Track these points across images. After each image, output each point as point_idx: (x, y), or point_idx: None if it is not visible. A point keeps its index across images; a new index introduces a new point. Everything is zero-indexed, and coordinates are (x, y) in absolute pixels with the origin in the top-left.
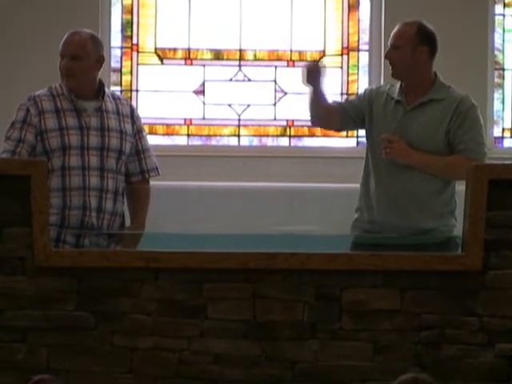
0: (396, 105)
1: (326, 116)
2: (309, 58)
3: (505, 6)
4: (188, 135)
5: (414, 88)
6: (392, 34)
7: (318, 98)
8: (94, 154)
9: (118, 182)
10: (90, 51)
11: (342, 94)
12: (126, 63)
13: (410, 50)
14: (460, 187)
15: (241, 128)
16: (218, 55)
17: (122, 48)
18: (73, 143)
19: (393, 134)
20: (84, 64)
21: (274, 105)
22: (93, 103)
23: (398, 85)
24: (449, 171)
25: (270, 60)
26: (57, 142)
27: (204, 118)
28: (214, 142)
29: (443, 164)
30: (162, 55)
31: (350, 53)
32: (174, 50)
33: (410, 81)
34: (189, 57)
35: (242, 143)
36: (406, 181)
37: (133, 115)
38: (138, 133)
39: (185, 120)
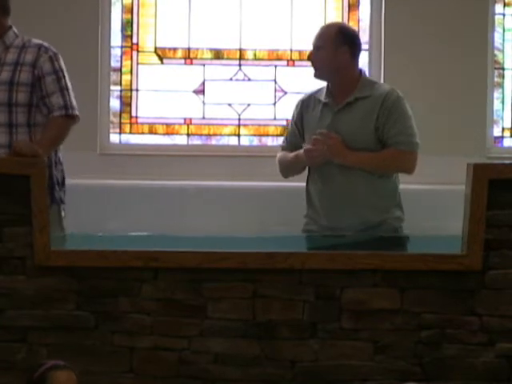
0: (324, 107)
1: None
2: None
3: (505, 5)
4: (188, 135)
5: (339, 89)
6: (314, 36)
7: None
8: None
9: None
10: None
11: None
12: (126, 63)
13: (331, 51)
14: (459, 187)
15: (241, 127)
16: (217, 55)
17: (121, 47)
18: None
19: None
20: None
21: (274, 104)
22: None
23: (324, 87)
24: (383, 166)
25: (269, 59)
26: None
27: (204, 118)
28: (213, 141)
29: (377, 160)
30: (161, 55)
31: None
32: (174, 49)
33: (333, 81)
34: (189, 56)
35: (242, 143)
36: (345, 179)
37: (35, 63)
38: (40, 79)
39: (185, 119)
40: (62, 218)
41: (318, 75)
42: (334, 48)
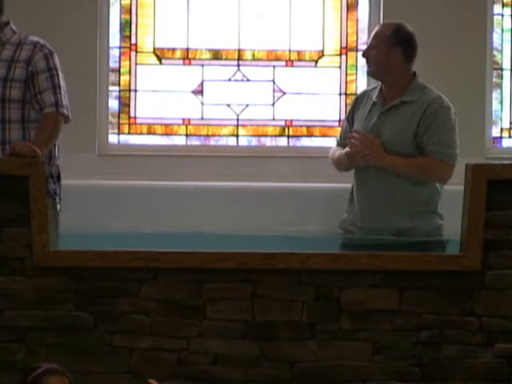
0: (373, 106)
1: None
2: (307, 58)
3: (503, 5)
4: (187, 135)
5: (389, 89)
6: (372, 33)
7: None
8: None
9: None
10: None
11: (340, 94)
12: (125, 63)
13: (385, 51)
14: (458, 187)
15: (239, 128)
16: (216, 55)
17: (120, 48)
18: None
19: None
20: None
21: (273, 105)
22: None
23: (380, 85)
24: (418, 173)
25: (268, 60)
26: None
27: (202, 118)
28: (212, 141)
29: (413, 166)
30: (160, 55)
31: (349, 53)
32: (173, 49)
33: (385, 81)
34: (187, 57)
35: (240, 143)
36: (379, 183)
37: (30, 59)
38: (33, 75)
39: (183, 120)
40: (58, 211)
41: (371, 73)
42: (387, 48)
